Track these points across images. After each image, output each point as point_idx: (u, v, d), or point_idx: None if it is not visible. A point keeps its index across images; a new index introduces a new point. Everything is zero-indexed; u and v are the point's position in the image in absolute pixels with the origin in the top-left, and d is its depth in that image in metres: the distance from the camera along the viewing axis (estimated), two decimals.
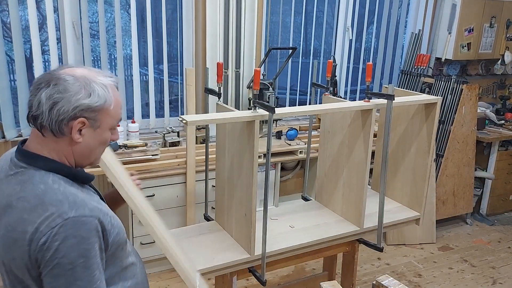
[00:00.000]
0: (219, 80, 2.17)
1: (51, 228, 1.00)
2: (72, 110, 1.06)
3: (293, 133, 3.71)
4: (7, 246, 1.04)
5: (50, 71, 1.10)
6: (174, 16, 3.54)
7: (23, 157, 1.11)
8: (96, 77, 1.11)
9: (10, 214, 1.04)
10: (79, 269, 1.01)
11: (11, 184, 1.09)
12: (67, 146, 1.11)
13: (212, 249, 2.12)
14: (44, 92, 1.04)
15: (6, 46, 3.06)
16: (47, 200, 1.04)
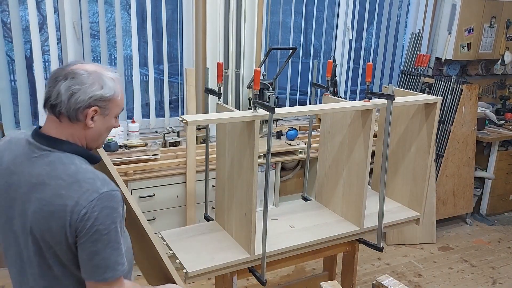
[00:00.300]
0: (219, 80, 2.18)
1: (89, 202, 1.18)
2: (87, 100, 1.24)
3: (293, 133, 3.71)
4: (44, 218, 1.19)
5: (64, 67, 1.27)
6: (174, 16, 3.54)
7: (45, 141, 1.26)
8: (104, 72, 1.29)
9: (44, 191, 1.20)
10: (112, 234, 1.21)
11: (38, 165, 1.24)
12: (81, 131, 1.29)
13: (212, 249, 2.12)
14: (63, 84, 1.22)
15: (6, 46, 3.06)
16: (80, 178, 1.21)
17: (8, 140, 1.36)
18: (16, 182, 1.26)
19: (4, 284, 3.06)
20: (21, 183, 1.25)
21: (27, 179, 1.24)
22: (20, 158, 1.28)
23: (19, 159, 1.28)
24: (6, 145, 1.34)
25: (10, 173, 1.28)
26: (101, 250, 1.21)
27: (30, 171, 1.24)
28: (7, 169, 1.29)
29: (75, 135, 1.29)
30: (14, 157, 1.29)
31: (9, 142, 1.35)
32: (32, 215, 1.22)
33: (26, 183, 1.24)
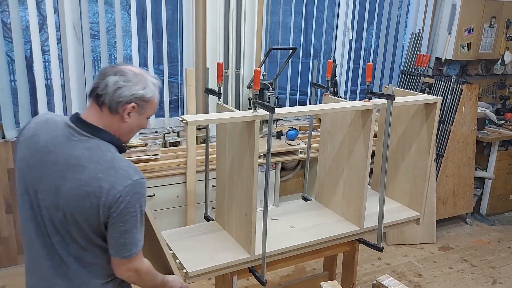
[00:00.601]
0: (219, 80, 2.18)
1: (124, 187, 1.32)
2: (129, 96, 1.39)
3: (293, 133, 3.71)
4: (79, 196, 1.32)
5: (113, 65, 1.42)
6: (174, 16, 3.54)
7: (86, 127, 1.39)
8: (148, 76, 1.45)
9: (82, 172, 1.33)
10: (139, 215, 1.38)
11: (78, 148, 1.36)
12: (117, 123, 1.42)
13: (212, 249, 2.12)
14: (111, 78, 1.36)
15: (6, 47, 3.06)
16: (116, 165, 1.35)
17: (45, 121, 1.45)
18: (52, 160, 1.36)
19: (4, 284, 3.06)
20: (59, 162, 1.36)
21: (65, 160, 1.35)
22: (59, 139, 1.38)
23: (58, 140, 1.38)
24: (43, 125, 1.43)
25: (48, 151, 1.37)
26: (129, 230, 1.37)
27: (69, 153, 1.36)
28: (45, 147, 1.38)
29: (111, 126, 1.42)
30: (52, 137, 1.39)
31: (45, 122, 1.44)
32: (67, 192, 1.33)
33: (63, 162, 1.35)
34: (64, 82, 3.22)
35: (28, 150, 1.41)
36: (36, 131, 1.42)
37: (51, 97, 3.19)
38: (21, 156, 1.42)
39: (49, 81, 3.37)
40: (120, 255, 1.40)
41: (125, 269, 1.43)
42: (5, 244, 3.14)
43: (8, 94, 2.99)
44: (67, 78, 3.17)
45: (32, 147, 1.40)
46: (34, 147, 1.40)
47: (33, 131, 1.43)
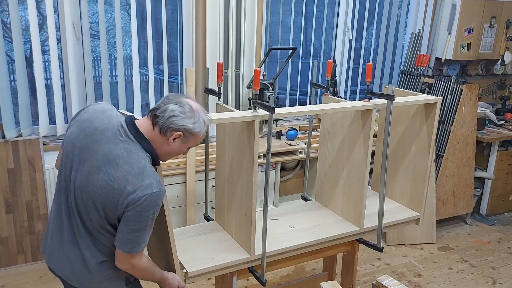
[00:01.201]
0: (219, 80, 2.17)
1: (144, 194, 1.48)
2: (179, 125, 1.56)
3: (293, 133, 3.71)
4: (105, 188, 1.49)
5: (178, 95, 1.61)
6: (174, 16, 3.54)
7: (135, 132, 1.55)
8: (202, 114, 1.61)
9: (116, 169, 1.49)
10: (150, 220, 1.53)
11: (119, 147, 1.52)
12: (161, 143, 1.59)
13: (212, 249, 2.12)
14: (171, 106, 1.55)
15: (6, 47, 3.06)
16: (145, 173, 1.50)
17: (102, 110, 1.61)
18: (94, 149, 1.53)
19: (4, 284, 3.06)
20: (99, 152, 1.52)
21: (105, 153, 1.51)
22: (107, 133, 1.54)
23: (106, 134, 1.54)
24: (99, 114, 1.59)
25: (94, 140, 1.53)
26: (137, 230, 1.52)
27: (111, 148, 1.51)
28: (93, 135, 1.54)
29: (156, 143, 1.59)
30: (103, 129, 1.55)
31: (102, 112, 1.60)
32: (97, 182, 1.50)
33: (103, 155, 1.51)
34: (64, 82, 3.23)
35: (78, 131, 1.58)
36: (91, 117, 1.59)
37: (51, 97, 3.19)
38: (70, 133, 1.60)
39: (49, 81, 3.37)
40: (122, 248, 1.55)
41: (124, 261, 1.59)
42: (5, 244, 3.14)
43: (8, 94, 2.98)
44: (67, 78, 3.17)
45: (82, 129, 1.57)
46: (84, 130, 1.56)
47: (88, 116, 1.60)
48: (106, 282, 1.65)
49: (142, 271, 1.65)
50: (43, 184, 3.17)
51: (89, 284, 1.64)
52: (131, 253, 1.56)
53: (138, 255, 1.59)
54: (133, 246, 1.54)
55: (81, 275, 1.62)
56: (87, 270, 1.61)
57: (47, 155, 3.19)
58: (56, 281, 3.06)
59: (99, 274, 1.62)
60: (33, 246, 3.22)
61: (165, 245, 1.81)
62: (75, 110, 3.20)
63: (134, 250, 1.55)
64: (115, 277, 1.66)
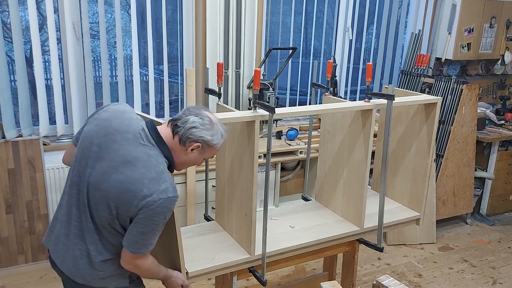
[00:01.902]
0: (219, 80, 2.17)
1: (159, 199, 1.51)
2: (198, 137, 1.61)
3: (293, 133, 3.71)
4: (121, 189, 1.51)
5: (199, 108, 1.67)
6: (174, 16, 3.55)
7: (156, 137, 1.59)
8: (220, 127, 1.67)
9: (133, 171, 1.52)
10: (160, 225, 1.57)
11: (140, 150, 1.55)
12: (180, 152, 1.64)
13: (212, 249, 2.12)
14: (192, 118, 1.61)
15: (6, 47, 3.06)
16: (162, 178, 1.54)
17: (122, 111, 1.63)
18: (113, 149, 1.55)
19: (4, 284, 3.06)
20: (118, 153, 1.54)
21: (124, 155, 1.54)
22: (128, 135, 1.57)
23: (126, 135, 1.57)
24: (119, 114, 1.62)
25: (114, 140, 1.56)
26: (147, 232, 1.55)
27: (131, 150, 1.55)
28: (113, 134, 1.56)
29: (174, 151, 1.63)
30: (123, 130, 1.57)
31: (122, 113, 1.63)
32: (113, 181, 1.52)
33: (122, 156, 1.54)
34: (64, 82, 3.23)
35: (97, 128, 1.59)
36: (111, 117, 1.61)
37: (51, 97, 3.19)
38: (88, 130, 1.61)
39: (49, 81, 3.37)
40: (129, 249, 1.58)
41: (129, 261, 1.61)
42: (5, 244, 3.14)
43: (8, 94, 2.98)
44: (67, 78, 3.17)
45: (101, 128, 1.59)
46: (103, 128, 1.58)
47: (108, 115, 1.62)
48: (109, 278, 1.67)
49: (145, 271, 1.68)
50: (43, 184, 3.17)
51: (92, 279, 1.65)
52: (138, 254, 1.59)
53: (144, 256, 1.62)
54: (140, 247, 1.57)
55: (84, 269, 1.63)
56: (90, 266, 1.63)
57: (47, 155, 3.19)
58: (56, 281, 3.06)
59: (103, 271, 1.64)
60: (33, 246, 3.22)
61: (170, 243, 1.83)
62: (75, 110, 3.20)
63: (141, 251, 1.59)
64: (118, 275, 1.68)
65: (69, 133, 3.29)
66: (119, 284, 1.70)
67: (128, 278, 1.72)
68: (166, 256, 1.93)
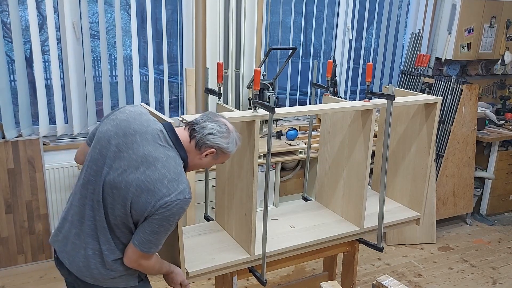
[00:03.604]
0: (219, 80, 2.17)
1: (176, 199, 1.55)
2: (214, 143, 1.65)
3: (293, 133, 3.71)
4: (140, 188, 1.54)
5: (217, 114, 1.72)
6: (174, 16, 3.55)
7: (174, 139, 1.64)
8: (235, 135, 1.71)
9: (153, 171, 1.55)
10: (173, 225, 1.60)
11: (159, 151, 1.59)
12: (194, 155, 1.68)
13: (212, 249, 2.12)
14: (210, 124, 1.65)
15: (6, 47, 3.06)
16: (180, 179, 1.58)
17: (140, 113, 1.66)
18: (134, 149, 1.58)
19: (4, 284, 3.06)
20: (138, 153, 1.58)
21: (145, 154, 1.57)
22: (147, 136, 1.60)
23: (146, 136, 1.60)
24: (137, 115, 1.65)
25: (134, 140, 1.59)
26: (160, 232, 1.58)
27: (151, 151, 1.58)
28: (132, 135, 1.60)
29: (189, 154, 1.67)
30: (143, 131, 1.61)
31: (140, 114, 1.66)
32: (132, 180, 1.55)
33: (142, 156, 1.57)
34: (64, 82, 3.23)
35: (115, 129, 1.61)
36: (129, 118, 1.63)
37: (51, 97, 3.19)
38: (106, 130, 1.63)
39: (49, 81, 3.37)
40: (140, 247, 1.59)
41: (135, 259, 1.63)
42: (5, 244, 3.14)
43: (8, 94, 2.98)
44: (67, 78, 3.17)
45: (120, 128, 1.61)
46: (122, 129, 1.61)
47: (126, 116, 1.64)
48: (120, 278, 1.68)
49: (148, 270, 1.71)
50: (43, 184, 3.17)
51: (103, 279, 1.67)
52: (147, 253, 1.61)
53: (150, 256, 1.64)
54: (151, 246, 1.60)
55: (95, 269, 1.64)
56: (102, 265, 1.64)
57: (47, 155, 3.19)
58: (56, 281, 3.06)
59: (114, 270, 1.65)
60: (33, 246, 3.22)
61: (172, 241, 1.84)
62: (75, 110, 3.20)
63: (151, 251, 1.61)
64: (128, 274, 1.69)
65: (69, 133, 3.29)
66: (129, 283, 1.72)
67: (137, 277, 1.74)
68: (167, 253, 1.94)
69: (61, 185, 3.26)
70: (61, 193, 3.27)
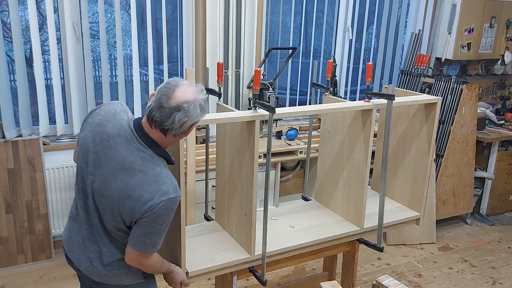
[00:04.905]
0: (219, 80, 2.17)
1: (160, 201, 1.51)
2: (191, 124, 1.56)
3: (293, 133, 3.71)
4: (122, 195, 1.52)
5: (169, 96, 1.51)
6: (174, 16, 3.55)
7: (144, 138, 1.56)
8: (199, 98, 1.55)
9: (131, 177, 1.52)
10: (164, 225, 1.58)
11: (134, 154, 1.54)
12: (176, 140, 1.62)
13: (212, 249, 2.12)
14: (177, 116, 1.51)
15: (6, 46, 3.06)
16: (161, 180, 1.54)
17: (114, 113, 1.61)
18: (110, 156, 1.55)
19: (4, 284, 3.06)
20: (114, 159, 1.54)
21: (121, 161, 1.54)
22: (120, 139, 1.56)
23: (119, 139, 1.56)
24: (111, 117, 1.60)
25: (109, 146, 1.56)
26: (152, 233, 1.56)
27: (126, 156, 1.54)
28: (107, 141, 1.56)
29: (168, 143, 1.62)
30: (116, 134, 1.57)
31: (113, 115, 1.61)
32: (113, 188, 1.53)
33: (118, 162, 1.54)
34: (64, 82, 3.23)
35: (92, 135, 1.59)
36: (103, 121, 1.60)
37: (51, 97, 3.19)
38: (85, 137, 1.62)
39: (49, 81, 3.37)
40: (136, 248, 1.59)
41: (134, 259, 1.63)
42: (5, 244, 3.14)
43: (8, 94, 2.98)
44: (67, 78, 3.17)
45: (96, 134, 1.59)
46: (98, 135, 1.58)
47: (100, 120, 1.60)
48: (124, 276, 1.70)
49: (149, 268, 1.71)
50: (43, 184, 3.17)
51: (107, 278, 1.69)
52: (145, 253, 1.61)
53: (150, 255, 1.64)
54: (146, 246, 1.59)
55: (100, 269, 1.67)
56: (103, 266, 1.66)
57: (47, 155, 3.19)
58: (56, 281, 3.06)
59: (117, 269, 1.67)
60: (33, 246, 3.22)
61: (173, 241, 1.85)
62: (75, 110, 3.20)
63: (148, 250, 1.61)
64: (132, 271, 1.71)
65: (69, 133, 3.29)
66: (134, 280, 1.74)
67: (142, 274, 1.75)
68: (168, 252, 1.95)
69: (61, 185, 3.26)
70: (61, 193, 3.27)
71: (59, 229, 3.32)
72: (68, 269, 3.33)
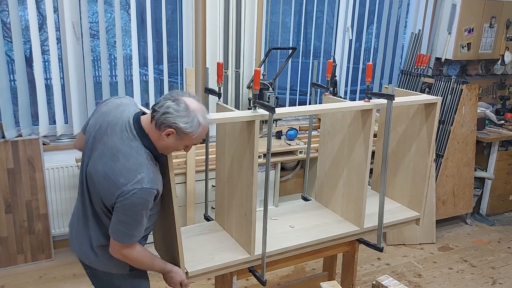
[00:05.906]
0: (219, 80, 2.17)
1: (133, 189, 1.56)
2: (171, 123, 1.59)
3: (293, 133, 3.71)
4: (103, 177, 1.60)
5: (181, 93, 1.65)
6: (174, 16, 3.54)
7: (138, 128, 1.64)
8: (200, 115, 1.63)
9: (115, 162, 1.59)
10: (138, 215, 1.60)
11: (124, 143, 1.62)
12: (157, 137, 1.64)
13: (212, 249, 2.12)
14: (168, 102, 1.60)
15: (6, 46, 3.06)
16: (140, 169, 1.59)
17: (119, 104, 1.73)
18: (104, 141, 1.64)
19: (4, 284, 3.06)
20: (107, 145, 1.63)
21: (111, 147, 1.62)
22: (116, 128, 1.65)
23: (115, 128, 1.65)
24: (115, 107, 1.72)
25: (105, 133, 1.65)
26: (126, 222, 1.60)
27: (116, 143, 1.62)
28: (106, 128, 1.66)
29: (154, 136, 1.65)
30: (114, 123, 1.66)
31: (118, 106, 1.72)
32: (100, 171, 1.61)
33: (108, 148, 1.62)
34: (64, 82, 3.22)
35: (97, 122, 1.71)
36: (108, 111, 1.71)
37: (51, 97, 3.19)
38: (91, 124, 1.74)
39: (49, 81, 3.37)
40: (113, 236, 1.64)
41: (116, 250, 1.67)
42: (5, 244, 3.14)
43: (8, 94, 2.98)
44: (67, 78, 3.17)
45: (98, 121, 1.70)
46: (99, 122, 1.70)
47: (106, 109, 1.73)
48: (111, 263, 1.75)
49: (136, 263, 1.74)
50: (43, 184, 3.17)
51: (96, 265, 1.76)
52: (122, 244, 1.64)
53: (130, 246, 1.67)
54: (122, 236, 1.63)
55: (90, 255, 1.74)
56: (92, 251, 1.73)
57: (47, 155, 3.19)
58: (55, 281, 3.06)
59: (104, 255, 1.73)
60: (33, 246, 3.22)
61: (171, 239, 1.85)
62: (75, 110, 3.20)
63: (124, 241, 1.64)
64: (116, 262, 1.74)
65: (69, 133, 3.29)
66: (119, 270, 1.78)
67: (129, 266, 1.77)
68: (167, 253, 1.95)
69: (61, 185, 3.26)
70: (61, 193, 3.27)
71: (58, 229, 3.32)
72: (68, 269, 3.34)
